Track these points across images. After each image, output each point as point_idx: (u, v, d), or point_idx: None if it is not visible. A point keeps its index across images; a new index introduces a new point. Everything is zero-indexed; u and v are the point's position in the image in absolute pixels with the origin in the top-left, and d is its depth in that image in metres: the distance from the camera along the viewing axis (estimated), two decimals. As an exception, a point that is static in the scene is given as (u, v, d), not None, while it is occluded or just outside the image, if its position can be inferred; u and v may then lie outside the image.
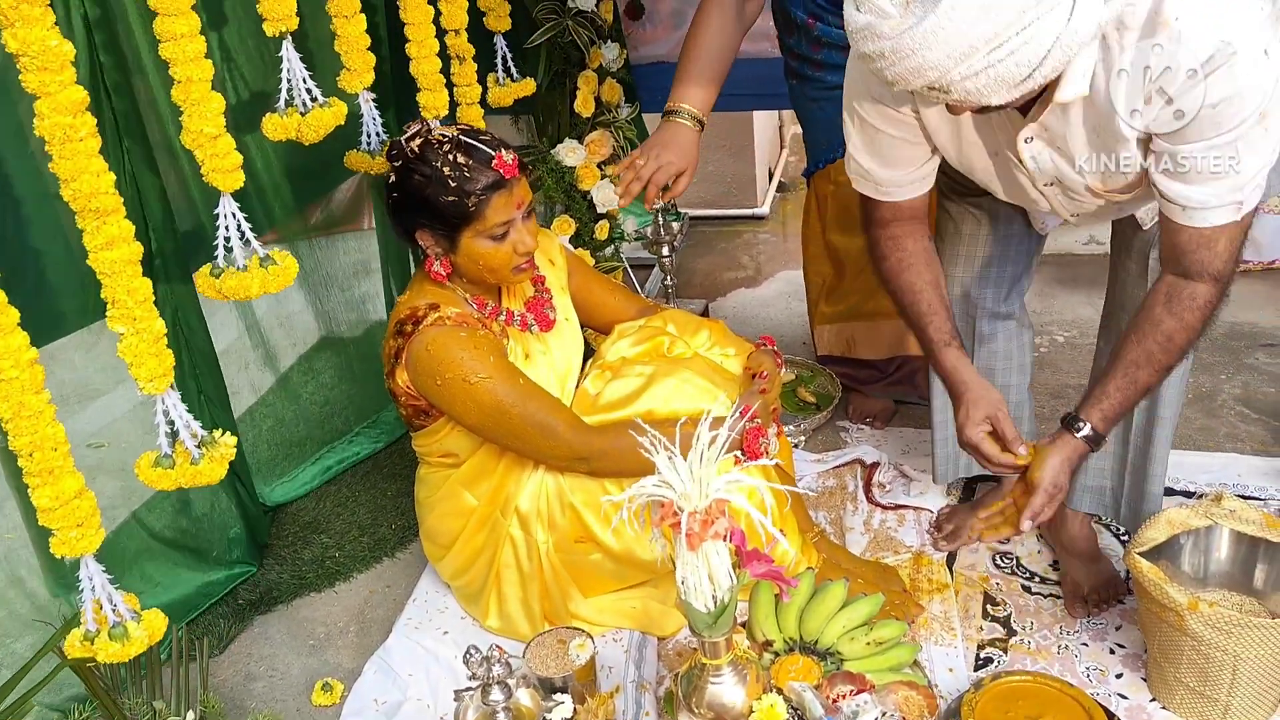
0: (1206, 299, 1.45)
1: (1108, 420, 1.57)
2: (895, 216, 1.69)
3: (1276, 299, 2.92)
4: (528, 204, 1.70)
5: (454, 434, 1.77)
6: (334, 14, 1.78)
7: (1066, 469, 1.58)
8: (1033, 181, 1.57)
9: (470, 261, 1.69)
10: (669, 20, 3.13)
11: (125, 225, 1.30)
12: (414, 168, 1.64)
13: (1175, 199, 1.39)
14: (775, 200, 4.12)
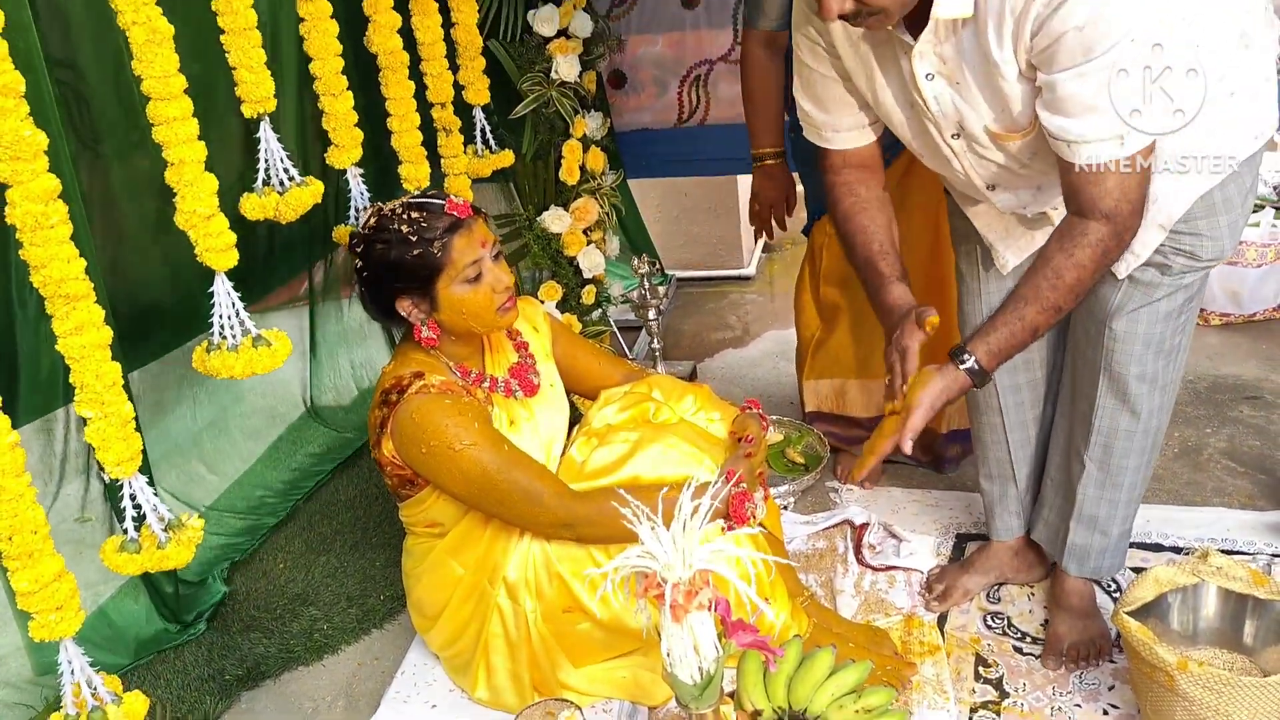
0: (1097, 237, 1.44)
1: (992, 354, 1.54)
2: (845, 163, 1.71)
3: (1258, 351, 2.95)
4: (492, 243, 1.72)
5: (440, 503, 1.77)
6: (322, 92, 1.82)
7: (943, 395, 1.55)
8: (940, 132, 1.56)
9: (454, 314, 1.70)
10: (651, 89, 3.19)
11: (95, 310, 1.32)
12: (374, 239, 1.67)
13: (1058, 134, 1.39)
14: (761, 261, 4.16)
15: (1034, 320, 1.52)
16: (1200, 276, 1.66)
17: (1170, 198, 1.56)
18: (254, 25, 1.60)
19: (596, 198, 2.80)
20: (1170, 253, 1.61)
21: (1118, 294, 1.68)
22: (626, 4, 3.07)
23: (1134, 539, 2.17)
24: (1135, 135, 1.36)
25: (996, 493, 2.08)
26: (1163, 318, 1.67)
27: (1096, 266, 1.48)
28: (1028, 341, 1.55)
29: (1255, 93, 1.54)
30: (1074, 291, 1.49)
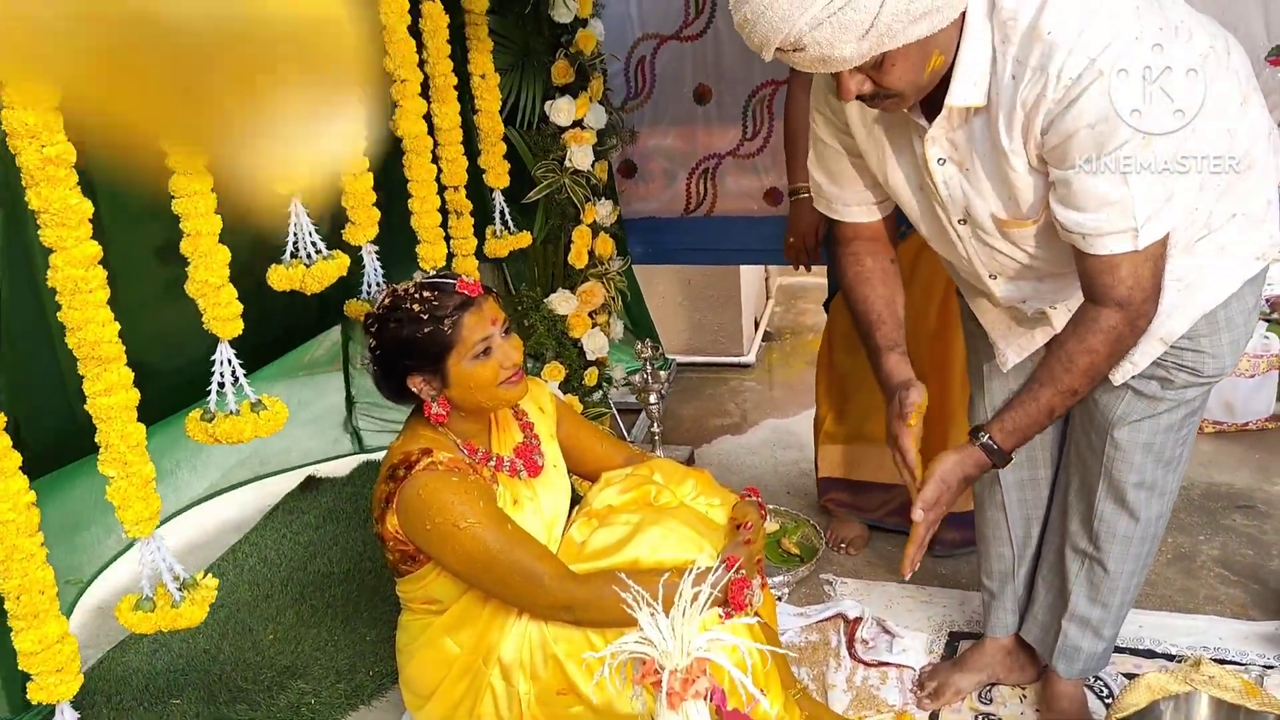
0: (1110, 324, 1.46)
1: (1008, 433, 1.57)
2: (855, 235, 1.76)
3: (1251, 460, 2.98)
4: (503, 321, 1.76)
5: (439, 580, 1.78)
6: (343, 171, 1.87)
7: (960, 471, 1.59)
8: (948, 216, 1.59)
9: (463, 389, 1.73)
10: (661, 179, 3.28)
11: (125, 373, 1.35)
12: (387, 318, 1.71)
13: (1073, 228, 1.41)
14: (761, 349, 4.21)
15: (1049, 402, 1.55)
16: (1202, 392, 1.69)
17: (1173, 314, 1.59)
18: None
19: (603, 282, 2.86)
20: (1173, 367, 1.65)
21: (1121, 404, 1.71)
22: (641, 97, 3.17)
23: (1127, 644, 2.18)
24: (1149, 229, 1.39)
25: (995, 589, 2.09)
26: (1164, 429, 1.71)
27: (1110, 352, 1.50)
28: (1044, 423, 1.58)
29: (1257, 215, 1.59)
30: (1088, 375, 1.52)
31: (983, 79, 1.39)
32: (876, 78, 1.35)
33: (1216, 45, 1.51)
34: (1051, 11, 1.32)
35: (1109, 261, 1.43)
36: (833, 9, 1.22)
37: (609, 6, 2.99)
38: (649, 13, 3.06)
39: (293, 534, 2.89)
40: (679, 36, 3.07)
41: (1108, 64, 1.29)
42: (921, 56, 1.34)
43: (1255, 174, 1.57)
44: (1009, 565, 2.05)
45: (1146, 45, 1.32)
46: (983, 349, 1.91)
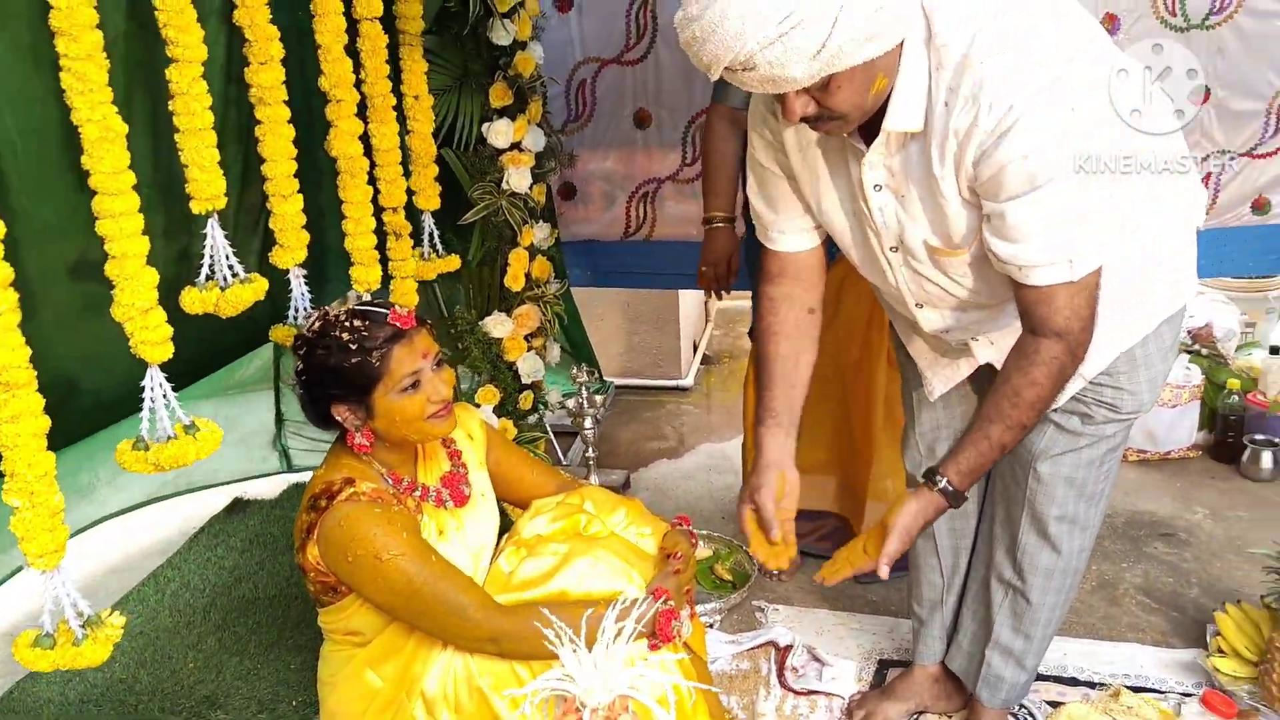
0: (1051, 354, 1.48)
1: (963, 474, 1.58)
2: (781, 272, 1.74)
3: (1173, 489, 3.05)
4: (434, 354, 1.73)
5: (362, 612, 1.74)
6: (272, 193, 1.84)
7: (921, 519, 1.61)
8: (880, 242, 1.59)
9: (389, 422, 1.70)
10: (600, 202, 3.28)
11: (34, 399, 1.30)
12: (315, 344, 1.68)
13: (1009, 259, 1.41)
14: (699, 373, 4.22)
15: (1000, 438, 1.56)
16: (1122, 428, 1.72)
17: (1094, 351, 1.60)
18: (209, 126, 1.63)
19: (540, 305, 2.84)
20: (1093, 403, 1.68)
21: (1043, 438, 1.73)
22: (581, 120, 3.17)
23: (1051, 672, 2.21)
24: (1083, 259, 1.41)
25: (925, 616, 2.11)
26: (1085, 464, 1.73)
27: (1053, 383, 1.51)
28: (995, 459, 1.59)
29: (1176, 256, 1.62)
30: (1034, 408, 1.53)
31: (919, 104, 1.39)
32: (822, 99, 1.35)
33: None
34: (984, 41, 1.32)
35: (1046, 293, 1.44)
36: (785, 28, 1.21)
37: (550, 29, 2.99)
38: (590, 36, 3.07)
39: (217, 558, 2.81)
40: (620, 61, 3.08)
41: (1040, 96, 1.31)
42: (867, 79, 1.34)
43: (1172, 216, 1.61)
44: (938, 593, 2.07)
45: (1079, 77, 1.33)
46: (913, 378, 1.93)
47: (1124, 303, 1.61)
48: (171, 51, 1.56)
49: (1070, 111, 1.32)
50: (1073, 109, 1.32)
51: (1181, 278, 1.65)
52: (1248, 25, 2.82)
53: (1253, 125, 2.93)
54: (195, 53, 1.56)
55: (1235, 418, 3.17)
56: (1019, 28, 1.33)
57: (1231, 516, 2.88)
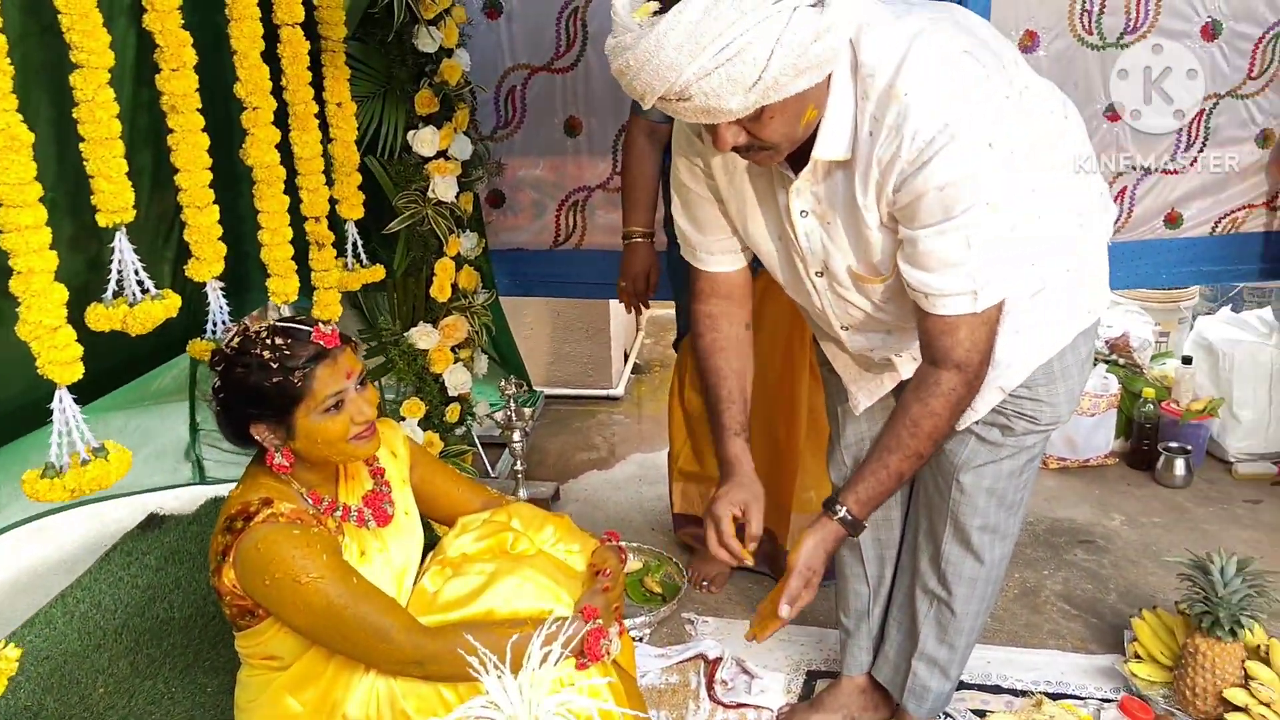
0: (949, 386, 1.51)
1: (862, 503, 1.61)
2: (713, 291, 1.75)
3: (1091, 496, 3.12)
4: (358, 373, 1.69)
5: (280, 635, 1.69)
6: (187, 204, 1.78)
7: (821, 550, 1.63)
8: (806, 267, 1.61)
9: (310, 443, 1.66)
10: (529, 210, 3.24)
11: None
12: (234, 361, 1.63)
13: (917, 287, 1.45)
14: (630, 382, 4.21)
15: (898, 468, 1.58)
16: (1041, 438, 1.76)
17: (1013, 364, 1.65)
18: (116, 135, 1.56)
19: (467, 316, 2.80)
20: (1013, 415, 1.71)
21: (965, 449, 1.76)
22: (511, 127, 3.14)
23: (975, 680, 2.24)
24: (987, 292, 1.44)
25: (852, 627, 2.12)
26: (1006, 475, 1.76)
27: (951, 414, 1.54)
28: (895, 488, 1.62)
29: (1090, 272, 1.66)
30: (932, 438, 1.56)
31: (847, 133, 1.41)
32: (754, 130, 1.35)
33: (1056, 109, 1.58)
34: (908, 72, 1.34)
35: (950, 323, 1.47)
36: (720, 60, 1.21)
37: (478, 35, 2.96)
38: (520, 43, 3.03)
39: (130, 576, 2.72)
40: (550, 68, 3.05)
41: (959, 129, 1.32)
42: (798, 110, 1.34)
43: (1087, 232, 1.65)
44: (865, 603, 2.08)
45: (996, 111, 1.35)
46: (837, 393, 1.94)
47: (1045, 319, 1.65)
48: (76, 56, 1.49)
49: (988, 147, 1.34)
50: (990, 144, 1.35)
51: (1097, 293, 1.70)
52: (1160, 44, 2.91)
53: (1165, 141, 3.01)
54: (101, 59, 1.49)
55: (1150, 425, 3.26)
56: (942, 58, 1.34)
57: (1147, 523, 2.95)
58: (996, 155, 1.35)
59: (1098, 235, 1.68)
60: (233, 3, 1.85)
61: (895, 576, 2.05)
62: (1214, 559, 2.05)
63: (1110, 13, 2.87)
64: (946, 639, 1.92)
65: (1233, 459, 3.25)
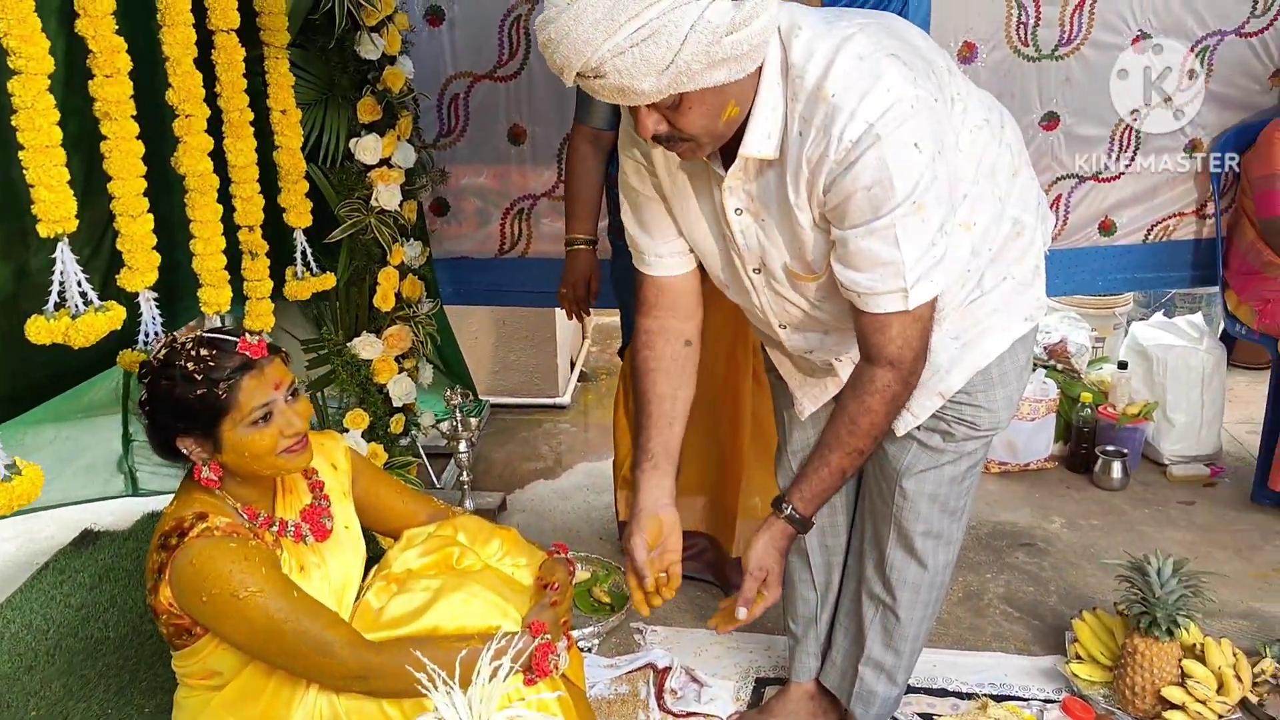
0: (884, 382, 1.53)
1: (807, 500, 1.63)
2: (657, 301, 1.74)
3: (1032, 500, 3.17)
4: (288, 384, 1.66)
5: (219, 651, 1.65)
6: (120, 213, 1.73)
7: (772, 549, 1.65)
8: (744, 265, 1.62)
9: (238, 456, 1.62)
10: (474, 218, 3.23)
11: None
12: (160, 373, 1.59)
13: (850, 285, 1.47)
14: (576, 390, 4.19)
15: (839, 464, 1.60)
16: (982, 444, 1.78)
17: (952, 370, 1.68)
18: (57, 142, 1.52)
19: (411, 325, 2.77)
20: (953, 421, 1.73)
21: (907, 455, 1.78)
22: (454, 134, 3.12)
23: (921, 684, 2.26)
24: (919, 290, 1.45)
25: (800, 633, 2.13)
26: (948, 481, 1.79)
27: (887, 410, 1.56)
28: (838, 484, 1.63)
29: (1026, 278, 1.69)
30: (870, 434, 1.57)
31: (775, 132, 1.42)
32: (673, 119, 1.36)
33: (991, 119, 1.60)
34: (836, 74, 1.36)
35: (882, 320, 1.48)
36: (635, 40, 1.22)
37: (420, 43, 2.93)
38: (462, 51, 3.02)
39: (63, 595, 2.64)
40: (493, 76, 3.03)
41: (885, 129, 1.34)
42: (718, 104, 1.35)
43: (1024, 240, 1.67)
44: (813, 609, 2.10)
45: (923, 113, 1.37)
46: (784, 397, 1.96)
47: (984, 326, 1.67)
48: (14, 63, 1.44)
49: (913, 147, 1.36)
50: (915, 144, 1.36)
51: (1035, 300, 1.72)
52: (1092, 56, 2.99)
53: (1098, 150, 3.08)
54: (40, 64, 1.45)
55: (1088, 429, 3.33)
56: (870, 60, 1.36)
57: (1086, 525, 3.01)
58: (922, 156, 1.37)
59: (1035, 244, 1.70)
60: (165, 8, 1.81)
61: (842, 583, 2.07)
62: (1151, 561, 2.10)
63: (1045, 25, 2.94)
64: (892, 644, 1.94)
65: (1167, 461, 3.33)
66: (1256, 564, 2.77)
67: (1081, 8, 2.92)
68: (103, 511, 3.08)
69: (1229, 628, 2.46)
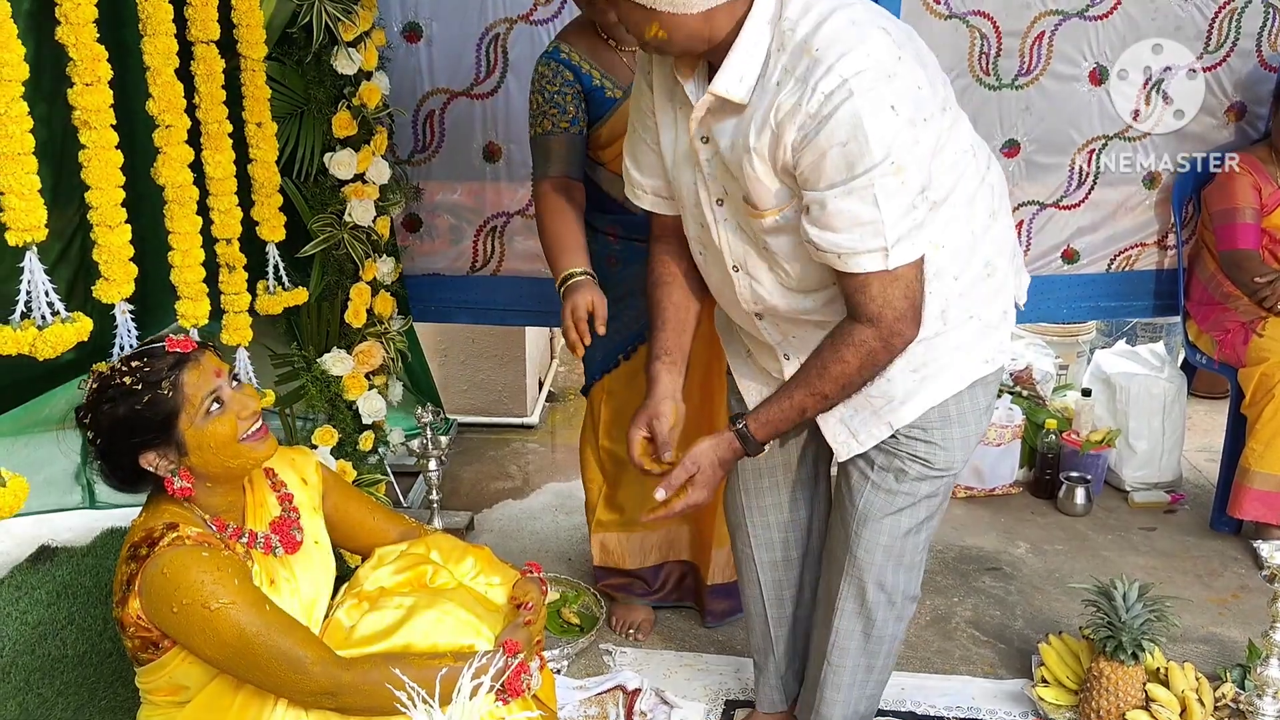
0: (861, 338, 1.55)
1: (761, 424, 1.67)
2: (663, 233, 1.84)
3: (998, 524, 3.21)
4: (227, 371, 1.65)
5: (185, 664, 1.62)
6: (97, 223, 1.71)
7: (712, 454, 1.69)
8: (709, 195, 1.65)
9: (204, 453, 1.60)
10: (446, 235, 3.21)
11: None
12: (99, 402, 1.58)
13: (828, 248, 1.49)
14: (545, 410, 4.18)
15: (801, 402, 1.64)
16: (934, 488, 1.78)
17: (906, 401, 1.69)
18: (30, 150, 1.50)
19: (383, 342, 2.75)
20: (908, 458, 1.74)
21: (862, 500, 1.79)
22: (429, 151, 3.11)
23: (890, 707, 2.28)
24: (900, 249, 1.47)
25: (760, 661, 2.15)
26: (903, 533, 1.79)
27: (860, 364, 1.58)
28: (795, 420, 1.67)
29: (992, 321, 1.70)
30: (837, 382, 1.60)
31: (750, 77, 1.47)
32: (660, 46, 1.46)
33: (978, 153, 1.63)
34: (825, 31, 1.41)
35: (862, 280, 1.50)
36: None
37: (397, 59, 2.93)
38: (439, 68, 3.01)
39: (19, 613, 2.58)
40: (469, 94, 3.03)
41: (860, 86, 1.38)
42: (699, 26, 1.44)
43: (994, 283, 1.68)
44: (767, 641, 2.13)
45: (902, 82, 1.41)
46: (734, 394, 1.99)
47: (944, 362, 1.68)
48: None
49: (890, 109, 1.39)
50: (893, 107, 1.39)
51: (998, 344, 1.72)
52: (1051, 86, 3.05)
53: (1058, 178, 3.15)
54: (15, 71, 1.44)
55: (1052, 455, 3.37)
56: (861, 26, 1.41)
57: (1050, 550, 3.05)
58: (899, 119, 1.40)
59: (1005, 289, 1.71)
60: (147, 18, 1.80)
61: (807, 619, 2.07)
62: (1117, 585, 2.13)
63: (1006, 55, 3.00)
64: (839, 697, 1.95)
65: (1129, 488, 3.37)
66: (1216, 589, 2.82)
67: (1041, 40, 2.99)
68: (60, 527, 3.02)
69: (1191, 652, 2.50)
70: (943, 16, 2.95)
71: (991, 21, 2.97)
